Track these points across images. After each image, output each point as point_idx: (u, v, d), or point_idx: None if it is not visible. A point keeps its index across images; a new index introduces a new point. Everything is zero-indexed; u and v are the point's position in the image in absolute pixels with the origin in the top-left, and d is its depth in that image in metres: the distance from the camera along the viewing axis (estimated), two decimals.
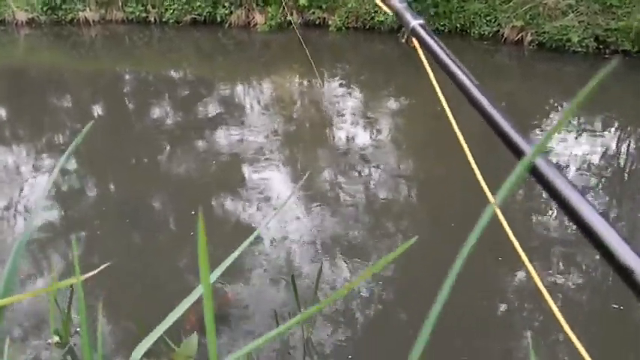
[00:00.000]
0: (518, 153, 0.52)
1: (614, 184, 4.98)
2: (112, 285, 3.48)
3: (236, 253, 0.59)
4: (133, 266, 3.81)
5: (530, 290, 3.43)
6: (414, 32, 0.72)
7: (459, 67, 0.63)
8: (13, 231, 4.30)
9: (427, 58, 0.71)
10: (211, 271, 0.54)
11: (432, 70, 0.72)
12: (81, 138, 0.60)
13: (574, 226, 0.42)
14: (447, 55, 0.65)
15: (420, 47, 0.70)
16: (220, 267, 0.57)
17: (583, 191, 3.26)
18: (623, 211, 4.57)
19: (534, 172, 0.46)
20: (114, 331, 3.22)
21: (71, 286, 1.21)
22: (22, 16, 11.09)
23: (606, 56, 8.23)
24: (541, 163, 0.46)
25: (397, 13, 0.77)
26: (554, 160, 5.23)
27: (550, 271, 3.64)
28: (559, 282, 3.55)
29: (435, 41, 0.68)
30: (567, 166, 5.12)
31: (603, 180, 4.98)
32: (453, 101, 0.74)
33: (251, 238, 0.63)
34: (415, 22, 0.72)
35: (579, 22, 8.36)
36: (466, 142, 0.72)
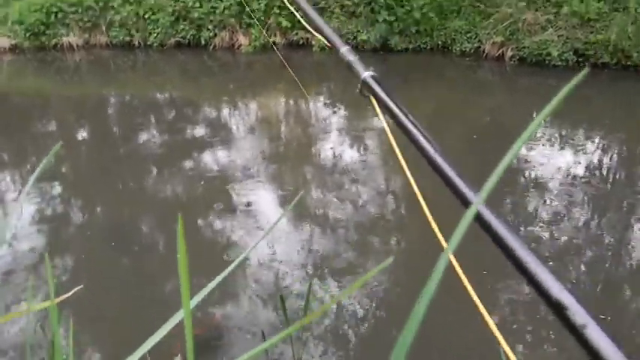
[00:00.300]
0: (464, 201, 0.56)
1: (597, 196, 5.03)
2: (95, 308, 3.44)
3: (219, 278, 0.59)
4: (116, 289, 3.77)
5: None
6: (365, 83, 0.77)
7: (406, 115, 0.66)
8: None
9: (379, 107, 0.75)
10: (194, 295, 0.53)
11: (384, 117, 0.77)
12: (48, 161, 0.60)
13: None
14: (395, 103, 0.69)
15: (373, 97, 0.75)
16: (202, 291, 0.56)
17: (568, 205, 3.30)
18: (605, 222, 4.61)
19: (478, 218, 0.50)
20: (97, 355, 3.17)
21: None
22: (4, 42, 11.05)
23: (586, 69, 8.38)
24: (483, 210, 0.50)
25: (349, 65, 0.82)
26: (538, 173, 5.28)
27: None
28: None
29: (384, 91, 0.72)
30: (552, 178, 5.17)
31: (586, 191, 5.04)
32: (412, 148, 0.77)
33: (236, 262, 0.63)
34: (366, 74, 0.77)
35: (558, 36, 8.51)
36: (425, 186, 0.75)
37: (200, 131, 6.82)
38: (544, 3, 8.86)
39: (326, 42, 0.92)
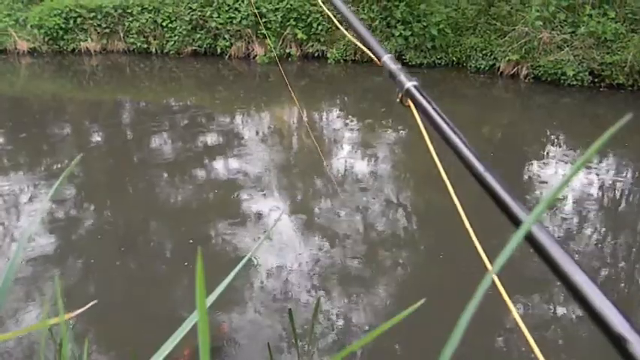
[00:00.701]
0: (514, 220, 0.52)
1: (611, 218, 4.98)
2: (105, 316, 3.44)
3: (228, 279, 0.59)
4: (126, 296, 3.77)
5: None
6: (408, 93, 0.74)
7: (452, 128, 0.64)
8: (6, 258, 4.27)
9: (421, 118, 0.73)
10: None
11: (426, 129, 0.74)
12: (69, 171, 0.60)
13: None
14: (440, 116, 0.67)
15: (415, 107, 0.73)
16: (213, 294, 0.56)
17: (579, 223, 3.25)
18: (619, 242, 4.56)
19: (530, 239, 0.46)
20: None
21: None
22: (23, 45, 11.21)
23: (601, 89, 8.34)
24: (536, 231, 0.46)
25: (391, 74, 0.79)
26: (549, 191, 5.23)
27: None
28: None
29: (429, 102, 0.70)
30: (564, 199, 5.13)
31: (600, 214, 4.99)
32: (448, 161, 0.75)
33: (242, 262, 0.63)
34: (410, 84, 0.75)
35: (574, 56, 8.48)
36: (466, 204, 0.72)
37: (213, 139, 6.85)
38: (560, 22, 8.84)
39: (366, 49, 0.91)
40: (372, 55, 0.89)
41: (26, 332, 3.19)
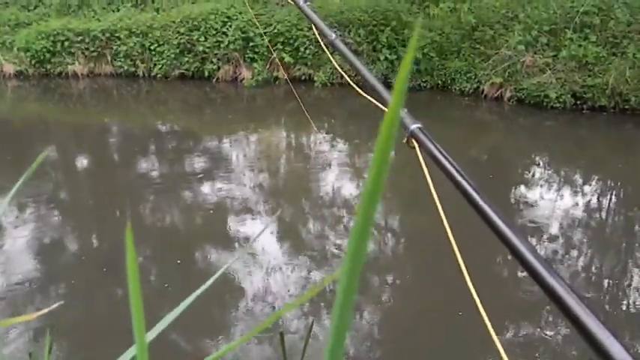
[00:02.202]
0: (539, 282, 0.50)
1: (596, 239, 5.03)
2: (83, 336, 3.39)
3: (188, 301, 0.58)
4: (105, 316, 3.72)
5: None
6: (413, 134, 0.76)
7: (457, 170, 0.65)
8: None
9: (424, 158, 0.74)
10: (152, 327, 0.52)
11: (428, 168, 0.76)
12: (31, 171, 0.60)
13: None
14: (445, 157, 0.69)
15: (419, 148, 0.75)
16: (162, 322, 0.54)
17: (564, 245, 3.26)
18: (605, 264, 4.60)
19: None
20: None
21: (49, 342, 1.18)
22: (9, 68, 11.18)
23: (584, 112, 8.48)
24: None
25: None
26: (536, 213, 5.28)
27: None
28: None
29: (433, 144, 0.72)
30: (548, 220, 5.17)
31: (585, 235, 5.04)
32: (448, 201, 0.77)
33: (215, 277, 0.62)
34: (414, 126, 0.77)
35: (557, 79, 8.63)
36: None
37: (200, 163, 6.84)
38: (543, 46, 9.02)
39: (365, 95, 0.94)
40: (378, 103, 0.91)
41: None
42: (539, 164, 6.97)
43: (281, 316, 3.62)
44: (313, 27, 1.40)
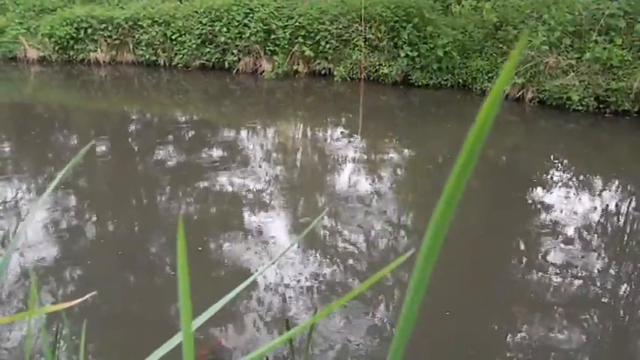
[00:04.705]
0: None
1: (615, 244, 4.96)
2: (98, 324, 3.43)
3: (223, 301, 0.59)
4: (121, 304, 3.76)
5: None
6: None
7: None
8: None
9: None
10: (197, 317, 0.53)
11: None
12: (79, 158, 0.61)
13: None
14: None
15: None
16: (207, 312, 0.56)
17: (582, 249, 3.23)
18: (622, 269, 4.53)
19: None
20: None
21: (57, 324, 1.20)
22: (33, 54, 11.34)
23: (606, 115, 8.35)
24: None
25: None
26: (554, 216, 5.21)
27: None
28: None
29: None
30: (567, 225, 5.11)
31: (604, 239, 4.97)
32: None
33: (241, 287, 0.62)
34: None
35: (580, 81, 8.52)
36: None
37: (218, 153, 6.88)
38: (566, 48, 8.89)
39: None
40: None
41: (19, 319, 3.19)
42: (558, 167, 6.89)
43: (357, 295, 3.65)
44: None
